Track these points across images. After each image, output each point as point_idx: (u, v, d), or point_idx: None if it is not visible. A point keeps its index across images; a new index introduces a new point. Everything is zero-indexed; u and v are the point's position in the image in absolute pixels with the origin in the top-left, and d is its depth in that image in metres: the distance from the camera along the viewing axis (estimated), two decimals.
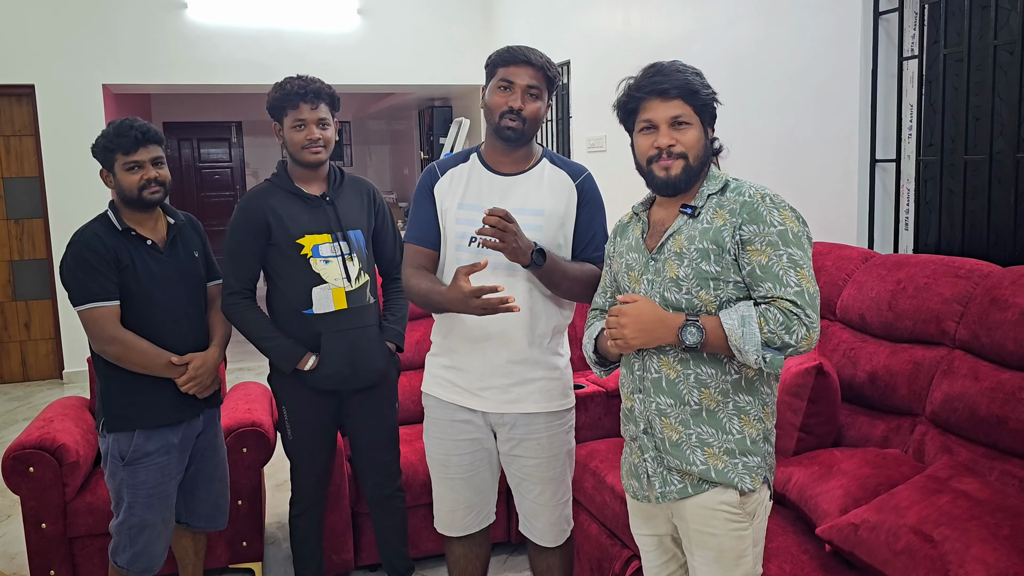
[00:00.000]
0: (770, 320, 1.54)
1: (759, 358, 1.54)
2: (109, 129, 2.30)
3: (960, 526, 1.68)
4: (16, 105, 6.03)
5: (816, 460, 2.18)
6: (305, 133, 2.45)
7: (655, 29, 4.34)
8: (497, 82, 2.04)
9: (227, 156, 10.44)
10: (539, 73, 2.03)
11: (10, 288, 6.20)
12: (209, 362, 2.40)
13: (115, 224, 2.32)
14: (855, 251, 2.66)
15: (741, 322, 1.55)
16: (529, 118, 2.03)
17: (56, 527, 2.76)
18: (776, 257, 1.58)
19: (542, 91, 2.05)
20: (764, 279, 1.58)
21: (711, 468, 1.66)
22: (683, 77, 1.66)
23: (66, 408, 3.08)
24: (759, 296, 1.59)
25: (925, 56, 2.82)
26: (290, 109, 2.45)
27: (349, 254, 2.51)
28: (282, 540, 3.36)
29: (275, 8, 6.36)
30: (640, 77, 1.71)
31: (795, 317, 1.54)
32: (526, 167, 2.11)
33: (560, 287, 2.03)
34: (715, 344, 1.59)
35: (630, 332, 1.62)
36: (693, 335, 1.59)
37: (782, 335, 1.54)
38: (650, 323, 1.62)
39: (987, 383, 2.05)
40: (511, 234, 1.87)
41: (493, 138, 2.08)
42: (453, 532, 2.27)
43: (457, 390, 2.15)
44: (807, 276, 1.58)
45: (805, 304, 1.55)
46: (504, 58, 2.04)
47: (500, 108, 2.02)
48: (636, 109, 1.71)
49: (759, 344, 1.54)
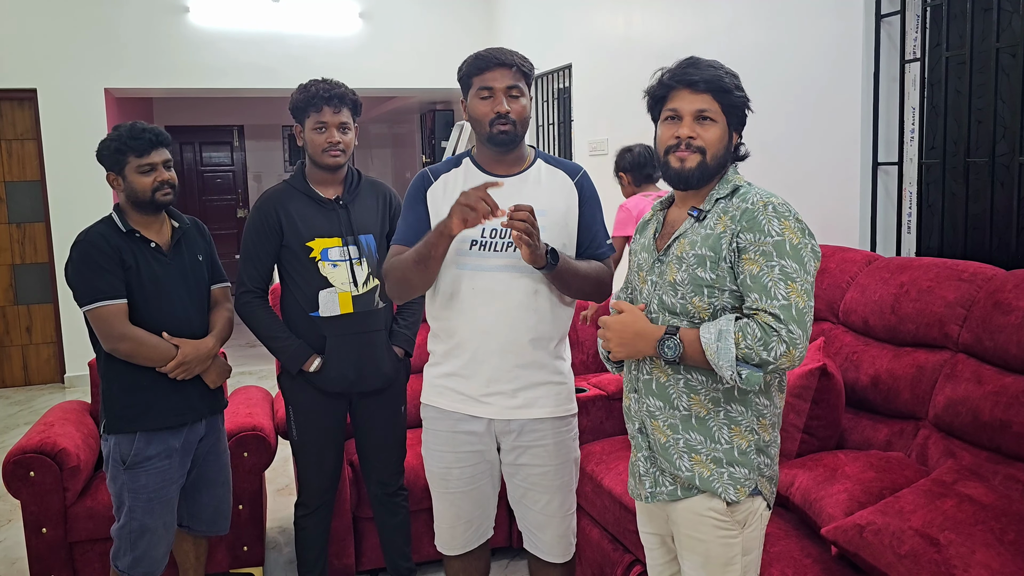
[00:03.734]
0: (748, 335, 1.50)
1: (734, 374, 1.51)
2: (121, 132, 2.31)
3: (965, 531, 1.67)
4: (18, 109, 6.04)
5: (820, 463, 2.17)
6: (326, 136, 2.46)
7: (657, 33, 4.34)
8: (476, 92, 2.01)
9: (229, 160, 10.44)
10: (515, 71, 2.01)
11: (11, 292, 6.21)
12: (201, 351, 2.38)
13: (119, 226, 2.32)
14: (859, 254, 2.66)
15: (717, 336, 1.52)
16: (518, 119, 2.01)
17: (57, 532, 2.76)
18: (768, 268, 1.54)
19: (523, 88, 2.03)
20: (752, 289, 1.55)
21: (696, 475, 1.65)
22: (716, 73, 1.65)
23: (67, 412, 3.08)
24: (746, 306, 1.57)
25: (927, 59, 2.82)
26: (312, 111, 2.46)
27: (358, 259, 2.51)
28: (283, 545, 3.36)
29: (277, 12, 6.37)
30: (674, 67, 1.69)
31: (774, 332, 1.49)
32: (521, 168, 2.09)
33: (571, 286, 2.01)
34: (694, 358, 1.58)
35: (614, 345, 1.65)
36: (671, 349, 1.58)
37: (759, 351, 1.50)
38: (631, 336, 1.63)
39: (990, 387, 2.04)
40: (536, 230, 1.84)
41: (486, 146, 2.06)
42: (453, 551, 2.22)
43: (461, 398, 2.09)
44: (799, 290, 1.53)
45: (789, 319, 1.50)
46: (476, 66, 2.01)
47: (488, 116, 2.00)
48: (664, 97, 1.70)
49: (733, 360, 1.51)
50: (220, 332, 2.48)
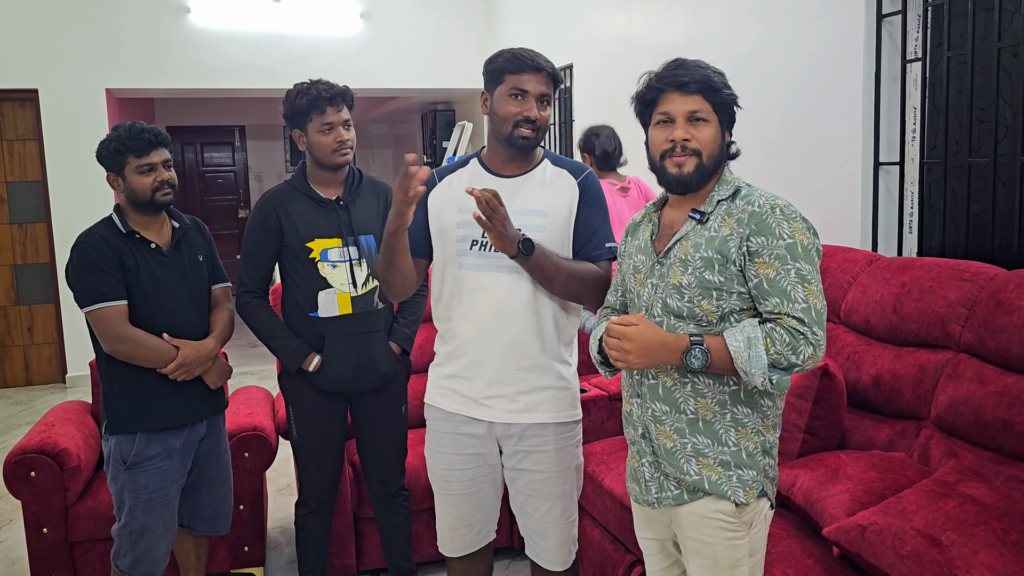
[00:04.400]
0: (776, 341, 1.52)
1: (766, 380, 1.52)
2: (120, 132, 2.31)
3: (967, 531, 1.67)
4: (20, 109, 6.04)
5: (821, 463, 2.16)
6: (334, 136, 2.45)
7: (657, 32, 4.33)
8: (508, 89, 1.98)
9: (230, 160, 10.44)
10: (549, 80, 2.00)
11: (13, 292, 6.21)
12: (201, 352, 2.38)
13: (119, 227, 2.32)
14: (860, 254, 2.65)
15: (747, 344, 1.52)
16: (542, 126, 2.00)
17: (57, 532, 2.76)
18: (784, 271, 1.55)
19: (551, 97, 2.03)
20: (771, 293, 1.56)
21: (704, 479, 1.64)
22: (704, 73, 1.65)
23: (68, 412, 3.08)
24: (765, 311, 1.57)
25: (928, 59, 2.82)
26: (316, 114, 2.44)
27: (358, 259, 2.51)
28: (284, 545, 3.36)
29: (278, 12, 6.37)
30: (662, 70, 1.69)
31: (801, 336, 1.52)
32: (528, 168, 2.07)
33: (554, 282, 1.95)
34: (720, 366, 1.57)
35: (634, 356, 1.59)
36: (698, 359, 1.56)
37: (788, 355, 1.52)
38: (655, 347, 1.59)
39: (992, 387, 2.04)
40: (500, 216, 1.82)
41: (502, 145, 2.03)
42: (454, 552, 2.21)
43: (462, 400, 2.08)
44: (814, 292, 1.55)
45: (812, 321, 1.53)
46: (514, 65, 1.97)
47: (514, 117, 1.97)
48: (654, 101, 1.69)
49: (765, 367, 1.52)
50: (220, 333, 2.48)
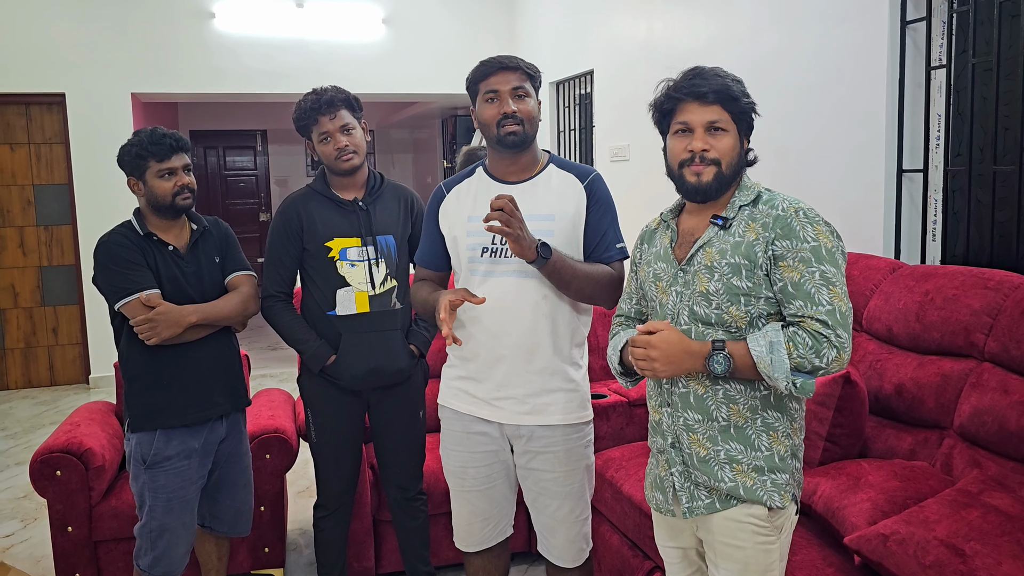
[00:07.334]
0: (799, 344, 1.52)
1: (789, 384, 1.52)
2: (141, 137, 2.34)
3: (991, 541, 1.66)
4: (47, 113, 6.14)
5: (843, 471, 2.15)
6: (332, 144, 2.49)
7: (679, 38, 4.33)
8: (483, 96, 2.04)
9: (252, 164, 10.55)
10: (519, 74, 2.03)
11: (39, 293, 6.30)
12: (172, 313, 2.28)
13: (138, 230, 2.36)
14: (883, 261, 2.64)
15: (769, 348, 1.53)
16: (526, 118, 2.03)
17: (82, 531, 2.79)
18: (808, 274, 1.55)
19: (528, 89, 2.05)
20: (795, 296, 1.56)
21: (740, 485, 1.64)
22: (723, 82, 1.65)
23: (92, 413, 3.12)
24: (789, 314, 1.57)
25: (953, 65, 2.80)
26: (312, 125, 2.50)
27: (376, 259, 2.53)
28: (304, 547, 3.38)
29: (301, 18, 6.43)
30: (680, 79, 1.69)
31: (824, 339, 1.52)
32: (533, 173, 2.10)
33: (571, 286, 1.99)
34: (743, 371, 1.57)
35: (660, 364, 1.60)
36: (720, 364, 1.57)
37: (812, 359, 1.52)
38: (679, 354, 1.59)
39: (1017, 396, 2.02)
40: (517, 220, 1.86)
41: (497, 149, 2.08)
42: (471, 547, 2.25)
43: (473, 401, 2.13)
44: (839, 294, 1.55)
45: (836, 324, 1.52)
46: (481, 72, 2.05)
47: (495, 119, 2.02)
48: (673, 110, 1.69)
49: (788, 370, 1.51)
50: (207, 308, 2.36)
